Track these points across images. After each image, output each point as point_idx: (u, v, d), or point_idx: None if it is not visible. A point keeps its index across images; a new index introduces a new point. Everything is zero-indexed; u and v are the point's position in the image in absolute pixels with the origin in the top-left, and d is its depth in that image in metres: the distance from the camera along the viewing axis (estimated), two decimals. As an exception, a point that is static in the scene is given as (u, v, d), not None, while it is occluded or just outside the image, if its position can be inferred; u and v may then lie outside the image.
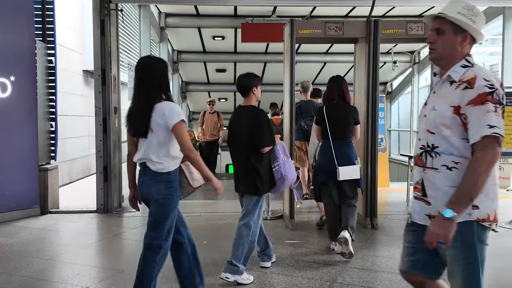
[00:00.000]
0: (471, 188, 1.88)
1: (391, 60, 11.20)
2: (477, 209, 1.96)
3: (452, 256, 2.04)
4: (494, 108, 1.88)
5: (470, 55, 2.06)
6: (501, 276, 4.04)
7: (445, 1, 6.63)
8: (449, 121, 1.97)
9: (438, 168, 2.02)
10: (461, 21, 1.99)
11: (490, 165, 1.89)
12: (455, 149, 1.98)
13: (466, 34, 2.02)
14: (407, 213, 6.42)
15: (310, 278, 3.89)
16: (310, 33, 5.46)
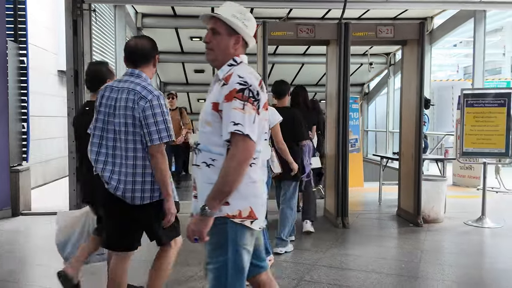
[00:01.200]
0: (223, 184, 1.89)
1: (368, 61, 11.34)
2: (227, 205, 1.95)
3: (207, 254, 2.02)
4: (241, 105, 1.89)
5: (238, 55, 2.07)
6: (468, 273, 4.16)
7: (416, 4, 6.80)
8: (210, 118, 1.98)
9: (199, 165, 2.03)
10: (235, 24, 2.02)
11: (241, 162, 1.88)
12: (213, 146, 1.98)
13: (239, 37, 2.05)
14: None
15: (278, 277, 3.93)
16: (282, 35, 5.53)
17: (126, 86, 2.68)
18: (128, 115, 2.61)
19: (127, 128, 2.63)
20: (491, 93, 6.02)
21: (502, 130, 5.70)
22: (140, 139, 2.63)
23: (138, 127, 2.61)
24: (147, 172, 2.66)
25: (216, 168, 1.96)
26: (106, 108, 2.69)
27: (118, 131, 2.66)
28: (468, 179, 8.57)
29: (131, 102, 2.61)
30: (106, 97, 2.71)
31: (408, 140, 5.95)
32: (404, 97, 6.07)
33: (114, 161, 2.68)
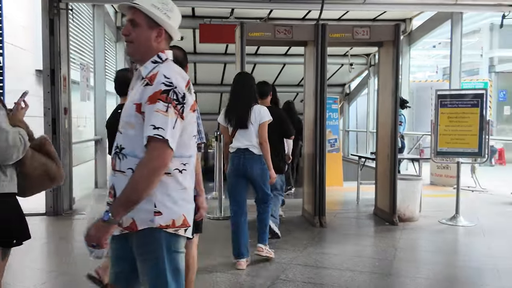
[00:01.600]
0: (132, 192, 1.73)
1: (348, 62, 11.45)
2: (160, 215, 1.80)
3: (140, 268, 1.88)
4: (165, 107, 1.74)
5: (163, 51, 1.91)
6: (440, 271, 4.24)
7: (393, 6, 6.89)
8: (133, 120, 1.81)
9: (125, 171, 1.83)
10: (155, 15, 1.84)
11: (154, 170, 1.73)
12: (139, 151, 1.79)
13: (161, 29, 1.87)
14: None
15: (254, 276, 3.98)
16: (260, 36, 5.57)
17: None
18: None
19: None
20: (465, 94, 6.15)
21: (475, 130, 5.82)
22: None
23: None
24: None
25: None
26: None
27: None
28: (445, 178, 8.73)
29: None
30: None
31: (384, 140, 6.04)
32: (380, 98, 6.16)
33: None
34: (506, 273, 4.07)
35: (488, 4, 7.20)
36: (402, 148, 8.01)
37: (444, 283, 3.93)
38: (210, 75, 12.55)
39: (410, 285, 3.81)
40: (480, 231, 5.53)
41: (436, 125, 6.03)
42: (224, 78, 12.71)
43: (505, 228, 5.77)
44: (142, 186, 1.73)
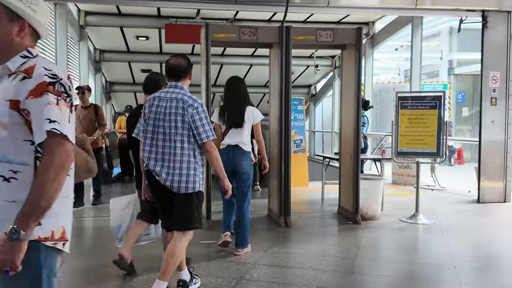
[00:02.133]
0: (40, 198, 1.52)
1: (314, 64, 11.61)
2: (39, 225, 1.57)
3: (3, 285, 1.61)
4: (55, 100, 1.58)
5: (33, 47, 1.75)
6: (400, 268, 4.38)
7: (356, 10, 7.03)
8: (6, 119, 1.59)
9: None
10: (17, 7, 1.66)
11: (60, 168, 1.55)
12: (14, 154, 1.60)
13: (24, 23, 1.70)
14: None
15: (219, 277, 3.99)
16: (225, 37, 5.59)
17: (174, 96, 3.31)
18: (179, 120, 3.25)
19: (177, 130, 3.25)
20: (424, 96, 6.36)
21: (433, 131, 6.03)
22: (186, 139, 3.26)
23: (186, 129, 3.25)
24: (190, 167, 3.27)
25: (20, 182, 1.59)
26: (156, 115, 3.31)
27: (168, 133, 3.27)
28: (406, 178, 8.99)
29: (180, 109, 3.25)
30: (156, 105, 3.33)
31: (347, 140, 6.17)
32: (344, 99, 6.28)
33: (163, 158, 3.28)
34: (463, 269, 4.24)
35: (446, 9, 7.45)
36: (365, 148, 8.21)
37: (404, 280, 4.06)
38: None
39: (372, 282, 3.92)
40: (439, 228, 5.73)
41: (397, 126, 6.21)
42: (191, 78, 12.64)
43: (463, 226, 6.00)
44: (51, 188, 1.53)
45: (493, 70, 7.30)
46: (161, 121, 3.29)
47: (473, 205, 7.17)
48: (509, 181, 7.32)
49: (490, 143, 7.35)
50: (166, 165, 3.26)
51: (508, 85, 7.30)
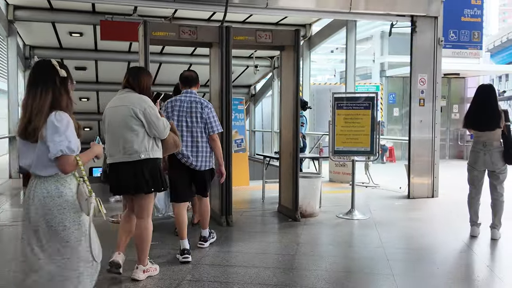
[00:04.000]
0: None
1: (253, 64, 11.74)
2: None
3: None
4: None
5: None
6: (337, 262, 4.52)
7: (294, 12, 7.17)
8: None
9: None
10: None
11: None
12: None
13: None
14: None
15: (160, 279, 3.93)
16: (165, 36, 5.51)
17: (192, 99, 4.56)
18: (199, 116, 4.51)
19: (198, 124, 4.50)
20: (358, 97, 6.63)
21: (367, 131, 6.31)
22: (203, 130, 4.52)
23: (203, 123, 4.51)
24: (208, 151, 4.55)
25: None
26: (179, 112, 4.50)
27: (191, 126, 4.49)
28: (342, 175, 9.32)
29: (199, 108, 4.52)
30: (179, 105, 4.52)
31: (286, 140, 6.30)
32: (283, 100, 6.40)
33: (187, 144, 4.45)
34: (395, 261, 4.48)
35: (378, 13, 7.80)
36: (304, 147, 8.41)
37: (341, 273, 4.21)
38: (113, 73, 12.08)
39: (311, 277, 4.03)
40: (372, 223, 6.00)
41: (333, 125, 6.42)
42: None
43: (394, 220, 6.32)
44: None
45: (421, 73, 7.74)
46: (184, 117, 4.49)
47: (404, 201, 7.57)
48: (436, 178, 7.80)
49: (419, 141, 7.79)
50: (189, 150, 4.44)
51: (435, 87, 7.78)
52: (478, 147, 5.19)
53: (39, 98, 2.40)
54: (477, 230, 5.30)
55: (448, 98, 14.77)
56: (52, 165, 2.39)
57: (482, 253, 4.79)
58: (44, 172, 2.42)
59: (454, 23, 10.89)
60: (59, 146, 2.34)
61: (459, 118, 14.54)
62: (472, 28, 11.39)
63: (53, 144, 2.34)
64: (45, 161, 2.39)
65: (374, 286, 3.92)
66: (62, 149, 2.34)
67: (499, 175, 5.13)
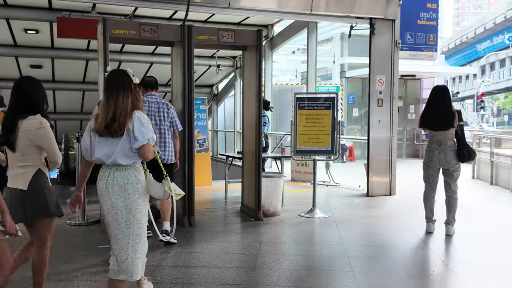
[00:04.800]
0: None
1: (216, 64, 11.68)
2: None
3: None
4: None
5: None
6: (299, 260, 4.57)
7: (256, 13, 7.19)
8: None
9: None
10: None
11: None
12: None
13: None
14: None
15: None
16: (125, 34, 5.42)
17: (158, 100, 5.21)
18: (166, 115, 5.16)
19: (165, 122, 5.15)
20: (319, 97, 6.74)
21: (328, 130, 6.42)
22: (168, 128, 5.18)
23: (169, 121, 5.17)
24: (171, 145, 5.20)
25: None
26: (150, 112, 5.06)
27: (160, 124, 5.12)
28: (304, 175, 9.44)
29: (166, 108, 5.18)
30: (147, 106, 5.06)
31: (249, 140, 6.32)
32: (245, 100, 6.42)
33: (158, 140, 4.78)
34: (355, 258, 4.58)
35: (338, 15, 7.95)
36: (266, 147, 8.47)
37: (303, 271, 4.26)
38: (71, 72, 11.76)
39: (273, 276, 4.06)
40: (333, 221, 6.11)
41: (295, 125, 6.50)
42: (86, 75, 12.02)
43: (354, 218, 6.46)
44: None
45: (379, 74, 7.95)
46: (153, 115, 5.05)
47: (363, 199, 7.76)
48: (394, 176, 8.03)
49: (377, 141, 8.00)
50: (158, 145, 4.82)
51: (393, 88, 8.00)
52: (433, 146, 5.38)
53: (121, 101, 2.92)
54: (432, 226, 5.50)
55: (404, 99, 15.23)
56: (132, 155, 2.92)
57: (438, 249, 4.97)
58: (124, 161, 2.91)
59: (411, 26, 11.26)
60: (146, 135, 2.90)
61: (415, 118, 15.03)
62: (428, 31, 11.80)
63: (141, 135, 2.89)
64: (127, 151, 2.90)
65: (335, 283, 3.99)
66: (148, 138, 2.91)
67: (453, 173, 5.34)
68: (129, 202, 2.89)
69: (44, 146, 3.10)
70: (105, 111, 2.93)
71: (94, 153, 2.96)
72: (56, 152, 3.14)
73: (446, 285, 4.01)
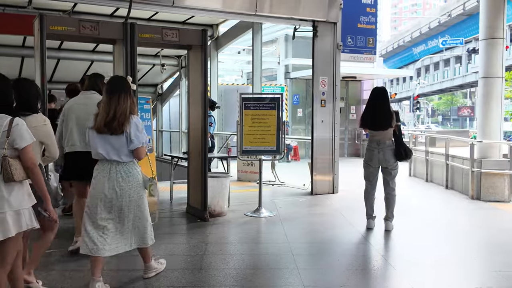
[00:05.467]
0: None
1: (160, 63, 11.49)
2: None
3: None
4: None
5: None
6: (246, 260, 4.60)
7: (200, 12, 7.14)
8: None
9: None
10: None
11: None
12: None
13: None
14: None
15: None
16: (63, 30, 5.21)
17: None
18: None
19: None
20: (264, 97, 6.82)
21: (273, 130, 6.51)
22: None
23: None
24: None
25: None
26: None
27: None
28: (250, 174, 9.50)
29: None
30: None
31: (195, 140, 6.28)
32: (191, 100, 6.37)
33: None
34: (299, 255, 4.68)
35: (282, 17, 8.07)
36: (212, 147, 8.44)
37: (249, 271, 4.29)
38: (5, 69, 11.10)
39: (219, 276, 4.07)
40: (279, 220, 6.20)
41: (241, 125, 6.53)
42: (22, 73, 11.42)
43: (299, 216, 6.60)
44: None
45: (322, 75, 8.16)
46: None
47: (308, 197, 7.93)
48: (337, 175, 8.27)
49: (321, 140, 8.20)
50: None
51: (335, 89, 8.23)
52: (373, 146, 5.60)
53: (122, 103, 3.47)
54: (372, 222, 5.73)
55: (346, 100, 15.70)
56: (130, 154, 3.54)
57: (377, 244, 5.18)
58: (125, 158, 3.54)
59: (351, 29, 11.63)
60: (141, 139, 3.53)
61: (356, 118, 15.54)
62: (367, 34, 12.24)
63: (136, 139, 3.49)
64: (126, 150, 3.51)
65: (280, 281, 4.05)
66: (142, 141, 3.54)
67: (391, 171, 5.58)
68: (132, 191, 3.60)
69: (48, 142, 3.38)
70: (106, 110, 3.45)
71: (93, 149, 3.54)
72: (56, 148, 3.48)
73: (385, 279, 4.19)
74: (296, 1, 7.86)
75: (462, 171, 8.31)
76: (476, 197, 7.71)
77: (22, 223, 2.84)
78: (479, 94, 8.37)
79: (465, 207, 7.32)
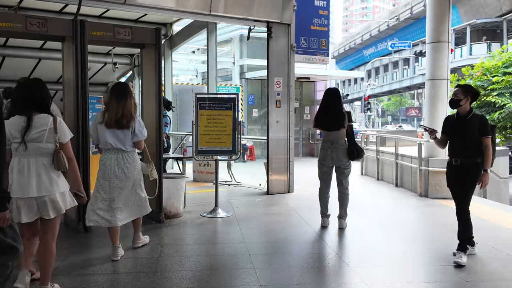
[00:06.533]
0: None
1: (112, 61, 11.19)
2: None
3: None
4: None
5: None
6: (203, 261, 4.57)
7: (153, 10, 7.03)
8: None
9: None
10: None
11: None
12: None
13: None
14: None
15: (7, 296, 3.54)
16: (9, 27, 4.97)
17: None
18: None
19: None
20: (220, 97, 6.79)
21: (229, 131, 6.50)
22: None
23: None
24: None
25: None
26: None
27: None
28: (206, 175, 9.45)
29: None
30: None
31: (150, 140, 6.14)
32: (145, 99, 6.25)
33: None
34: (256, 255, 4.70)
35: (237, 17, 8.08)
36: (168, 148, 8.33)
37: (205, 272, 4.27)
38: None
39: (175, 279, 4.02)
40: (235, 220, 6.20)
41: (197, 126, 6.48)
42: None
43: (255, 216, 6.62)
44: None
45: (277, 76, 8.23)
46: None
47: (264, 197, 7.98)
48: (292, 174, 8.37)
49: (276, 140, 8.28)
50: None
51: (289, 89, 8.33)
52: (326, 145, 5.72)
53: (128, 105, 4.45)
54: (327, 221, 5.84)
55: (300, 100, 15.93)
56: (133, 144, 4.54)
57: (332, 242, 5.29)
58: (129, 148, 4.52)
59: (305, 31, 11.83)
60: (144, 133, 4.59)
61: (310, 118, 15.80)
62: (320, 36, 12.49)
63: (140, 133, 4.52)
64: (129, 142, 4.49)
65: (237, 281, 4.05)
66: (144, 135, 4.61)
67: (344, 170, 5.72)
68: (135, 173, 4.59)
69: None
70: (116, 110, 4.38)
71: (103, 139, 4.45)
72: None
73: (339, 275, 4.29)
74: (250, 2, 7.89)
75: (410, 170, 8.64)
76: (424, 194, 8.04)
77: (67, 202, 3.50)
78: (426, 96, 8.71)
79: (414, 204, 7.61)
